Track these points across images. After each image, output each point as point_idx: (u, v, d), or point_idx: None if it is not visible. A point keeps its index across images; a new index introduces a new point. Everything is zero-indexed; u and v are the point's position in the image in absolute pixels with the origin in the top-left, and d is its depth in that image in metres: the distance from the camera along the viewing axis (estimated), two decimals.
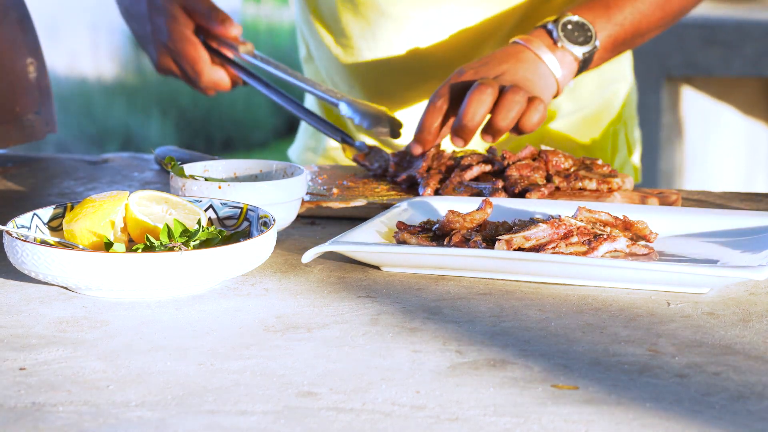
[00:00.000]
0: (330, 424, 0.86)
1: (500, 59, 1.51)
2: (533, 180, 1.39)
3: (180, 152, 1.62)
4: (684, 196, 1.49)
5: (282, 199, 1.30)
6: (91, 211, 1.16)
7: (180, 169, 1.34)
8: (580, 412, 0.87)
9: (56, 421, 0.86)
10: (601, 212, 1.22)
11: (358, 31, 1.70)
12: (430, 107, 1.49)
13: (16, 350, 0.99)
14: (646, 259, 1.19)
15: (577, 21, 1.54)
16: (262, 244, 1.14)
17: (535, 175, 1.40)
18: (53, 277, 1.10)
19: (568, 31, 1.53)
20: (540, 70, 1.52)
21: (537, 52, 1.52)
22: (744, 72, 3.53)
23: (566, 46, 1.52)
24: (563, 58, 1.53)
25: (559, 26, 1.53)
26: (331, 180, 1.52)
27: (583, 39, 1.53)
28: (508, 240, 1.17)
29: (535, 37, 1.53)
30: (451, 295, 1.13)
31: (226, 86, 1.65)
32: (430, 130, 1.48)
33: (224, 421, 0.86)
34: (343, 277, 1.19)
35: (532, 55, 1.52)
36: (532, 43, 1.53)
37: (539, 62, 1.52)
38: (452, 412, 0.87)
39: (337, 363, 0.96)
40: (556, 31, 1.53)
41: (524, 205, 1.31)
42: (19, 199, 1.53)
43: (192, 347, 1.00)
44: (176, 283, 1.11)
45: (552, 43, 1.53)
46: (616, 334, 1.02)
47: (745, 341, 1.00)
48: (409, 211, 1.32)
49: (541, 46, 1.52)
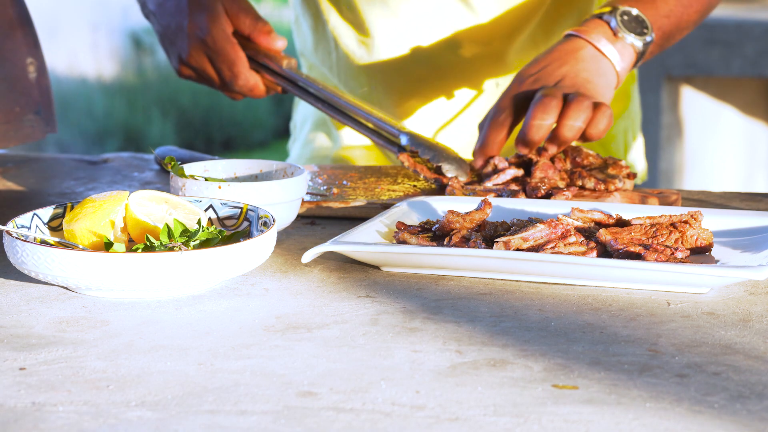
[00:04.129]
0: (330, 424, 0.86)
1: (559, 60, 1.47)
2: (554, 183, 1.40)
3: (180, 152, 1.62)
4: (684, 196, 1.50)
5: (282, 199, 1.30)
6: (91, 211, 1.16)
7: (180, 169, 1.34)
8: (580, 412, 0.87)
9: (56, 421, 0.86)
10: (594, 211, 1.22)
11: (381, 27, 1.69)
12: (492, 122, 1.45)
13: (16, 350, 0.99)
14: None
15: (632, 12, 1.48)
16: (262, 244, 1.14)
17: (555, 178, 1.40)
18: (53, 277, 1.11)
19: (625, 21, 1.47)
20: (601, 67, 1.47)
21: (597, 45, 1.47)
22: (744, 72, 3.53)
23: (626, 37, 1.47)
24: (623, 50, 1.47)
25: (617, 16, 1.47)
26: (331, 180, 1.52)
27: (640, 30, 1.48)
28: (506, 241, 1.17)
29: (591, 28, 1.48)
30: (451, 295, 1.13)
31: (261, 92, 1.60)
32: (492, 145, 1.45)
33: (224, 421, 0.86)
34: (343, 277, 1.19)
35: (591, 51, 1.47)
36: (590, 34, 1.47)
37: (600, 57, 1.47)
38: (452, 412, 0.87)
39: (337, 363, 0.96)
40: (614, 20, 1.47)
41: (524, 205, 1.31)
42: (19, 199, 1.53)
43: (192, 347, 1.00)
44: (176, 283, 1.11)
45: (612, 35, 1.47)
46: (616, 334, 1.02)
47: (745, 341, 1.00)
48: (409, 211, 1.32)
49: (601, 38, 1.47)
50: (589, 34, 1.48)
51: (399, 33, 1.69)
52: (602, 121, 1.41)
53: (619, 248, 1.15)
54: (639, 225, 1.19)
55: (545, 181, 1.39)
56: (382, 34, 1.70)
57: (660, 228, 1.19)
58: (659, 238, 1.18)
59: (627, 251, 1.15)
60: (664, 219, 1.20)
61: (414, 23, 1.68)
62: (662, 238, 1.19)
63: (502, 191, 1.39)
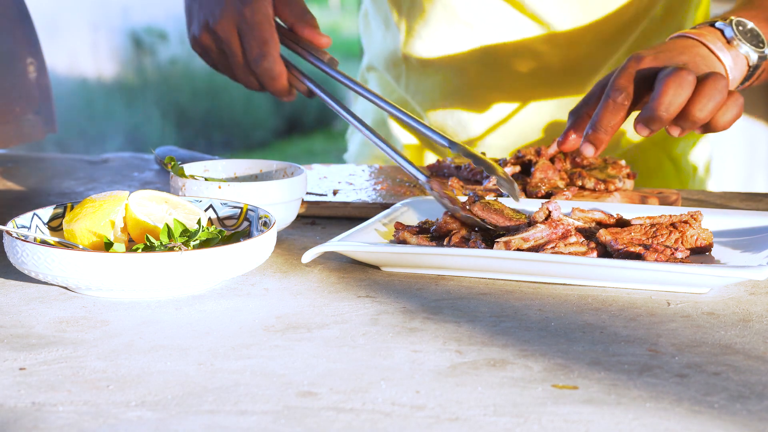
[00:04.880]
0: (330, 424, 0.86)
1: (676, 50, 1.35)
2: (554, 183, 1.40)
3: (180, 152, 1.62)
4: (684, 196, 1.50)
5: (282, 199, 1.30)
6: (91, 211, 1.17)
7: (180, 169, 1.34)
8: (580, 412, 0.87)
9: (56, 421, 0.86)
10: (594, 211, 1.22)
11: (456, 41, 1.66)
12: (609, 102, 1.31)
13: (16, 350, 0.99)
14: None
15: (747, 24, 1.38)
16: (262, 244, 1.14)
17: (555, 178, 1.40)
18: (53, 277, 1.11)
19: (741, 31, 1.38)
20: (717, 67, 1.36)
21: (712, 47, 1.36)
22: None
23: (741, 46, 1.37)
24: (736, 59, 1.37)
25: (732, 25, 1.37)
26: (332, 180, 1.52)
27: (756, 42, 1.38)
28: (507, 241, 1.17)
29: (704, 32, 1.38)
30: (451, 295, 1.13)
31: (283, 84, 1.45)
32: (607, 129, 1.31)
33: (224, 421, 0.86)
34: (343, 277, 1.19)
35: (707, 51, 1.36)
36: (705, 38, 1.37)
37: (714, 59, 1.36)
38: (452, 412, 0.87)
39: (337, 363, 0.96)
40: (730, 29, 1.37)
41: (522, 206, 1.31)
42: (19, 199, 1.53)
43: (192, 347, 1.00)
44: (176, 283, 1.11)
45: (726, 42, 1.37)
46: (616, 334, 1.02)
47: (745, 341, 1.00)
48: (408, 211, 1.32)
49: (717, 42, 1.37)
50: (705, 37, 1.37)
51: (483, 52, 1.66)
52: (733, 109, 1.29)
53: (619, 248, 1.16)
54: (639, 225, 1.19)
55: (545, 181, 1.39)
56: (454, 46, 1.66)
57: (660, 228, 1.19)
58: (659, 238, 1.18)
59: (627, 251, 1.15)
60: (664, 219, 1.20)
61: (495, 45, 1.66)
62: (662, 238, 1.19)
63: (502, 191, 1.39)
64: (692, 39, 1.37)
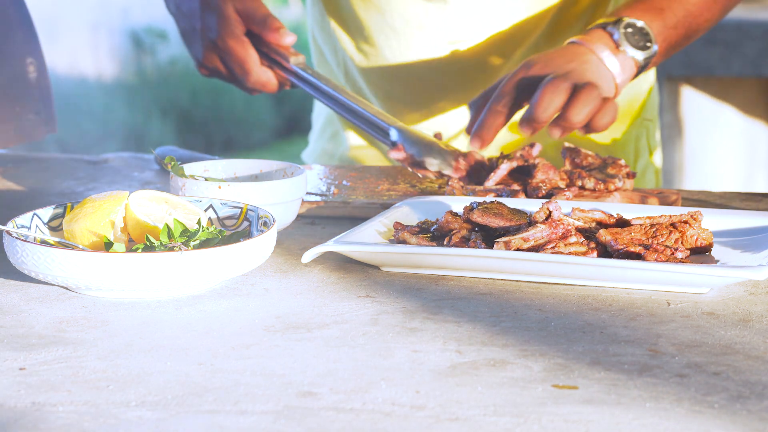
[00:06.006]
0: (330, 424, 0.86)
1: (565, 57, 1.47)
2: (555, 184, 1.39)
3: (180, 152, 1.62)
4: (684, 196, 1.50)
5: (282, 199, 1.30)
6: (91, 211, 1.16)
7: (180, 169, 1.34)
8: (579, 412, 0.87)
9: (56, 421, 0.86)
10: (594, 211, 1.22)
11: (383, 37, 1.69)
12: (492, 106, 1.45)
13: (16, 350, 0.99)
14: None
15: (636, 24, 1.48)
16: (262, 244, 1.14)
17: (556, 178, 1.40)
18: (53, 277, 1.10)
19: (629, 34, 1.47)
20: (603, 73, 1.47)
21: (600, 55, 1.47)
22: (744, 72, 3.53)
23: (628, 50, 1.47)
24: (624, 62, 1.48)
25: (620, 28, 1.47)
26: (331, 180, 1.52)
27: (643, 43, 1.48)
28: (507, 241, 1.17)
29: (594, 38, 1.48)
30: (451, 295, 1.13)
31: (273, 87, 1.61)
32: (490, 130, 1.44)
33: (224, 421, 0.86)
34: (343, 277, 1.19)
35: (594, 57, 1.47)
36: (593, 44, 1.47)
37: (602, 65, 1.47)
38: (452, 412, 0.87)
39: (337, 363, 0.96)
40: (617, 33, 1.47)
41: (522, 206, 1.31)
42: (19, 199, 1.53)
43: (192, 347, 1.00)
44: (176, 283, 1.11)
45: (614, 47, 1.47)
46: (616, 334, 1.02)
47: (745, 341, 1.00)
48: (408, 211, 1.32)
49: (604, 49, 1.47)
50: (592, 43, 1.47)
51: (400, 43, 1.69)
52: (608, 114, 1.42)
53: (619, 248, 1.16)
54: (639, 225, 1.19)
55: (546, 182, 1.39)
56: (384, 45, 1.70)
57: (660, 228, 1.19)
58: (659, 238, 1.18)
59: (627, 251, 1.15)
60: (664, 219, 1.20)
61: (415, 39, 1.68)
62: (662, 238, 1.19)
63: (502, 191, 1.39)
64: (583, 46, 1.48)
